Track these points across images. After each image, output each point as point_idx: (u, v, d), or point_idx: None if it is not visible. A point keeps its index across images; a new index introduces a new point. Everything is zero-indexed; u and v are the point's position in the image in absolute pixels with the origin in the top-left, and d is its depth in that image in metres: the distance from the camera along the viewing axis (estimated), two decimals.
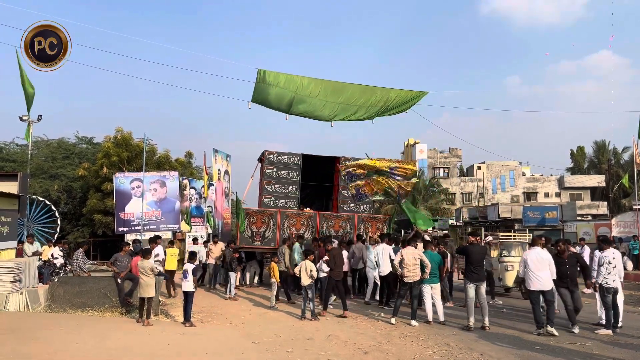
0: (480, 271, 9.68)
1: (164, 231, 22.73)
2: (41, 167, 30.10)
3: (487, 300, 10.09)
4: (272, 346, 7.97)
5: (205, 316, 10.90)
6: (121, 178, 23.35)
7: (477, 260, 9.64)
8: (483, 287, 9.73)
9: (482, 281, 9.72)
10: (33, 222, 22.51)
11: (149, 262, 9.93)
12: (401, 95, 15.42)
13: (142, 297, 9.80)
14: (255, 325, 9.83)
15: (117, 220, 22.91)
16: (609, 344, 8.17)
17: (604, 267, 9.15)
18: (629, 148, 46.51)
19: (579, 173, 54.85)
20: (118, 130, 28.17)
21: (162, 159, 29.38)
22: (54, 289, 10.98)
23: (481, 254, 9.84)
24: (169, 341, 8.21)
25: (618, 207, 42.06)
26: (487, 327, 9.32)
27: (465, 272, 9.98)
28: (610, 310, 9.12)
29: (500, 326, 9.72)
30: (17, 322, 9.11)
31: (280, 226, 15.63)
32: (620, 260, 9.56)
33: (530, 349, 7.83)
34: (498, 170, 52.47)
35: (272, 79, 14.24)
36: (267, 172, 16.55)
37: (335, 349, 7.82)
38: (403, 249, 10.12)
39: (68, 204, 29.66)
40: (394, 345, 8.12)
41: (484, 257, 10.05)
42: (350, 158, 17.33)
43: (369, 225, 16.31)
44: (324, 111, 14.97)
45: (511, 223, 32.36)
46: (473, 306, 9.52)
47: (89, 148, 33.32)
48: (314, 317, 10.25)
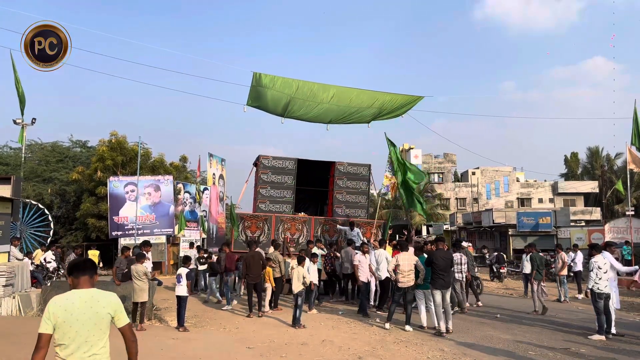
0: (446, 277, 9.54)
1: (157, 235, 22.65)
2: (35, 170, 29.96)
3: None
4: (266, 351, 7.94)
5: (199, 321, 10.84)
6: (115, 182, 23.26)
7: (443, 266, 9.52)
8: (448, 293, 9.61)
9: (447, 288, 9.57)
10: (26, 225, 22.38)
11: (142, 267, 9.88)
12: (397, 100, 15.48)
13: (135, 301, 9.75)
14: (249, 330, 9.79)
15: (110, 224, 22.80)
16: (603, 350, 8.19)
17: (593, 273, 9.18)
18: (622, 154, 46.82)
19: (573, 179, 55.18)
20: (112, 134, 28.10)
21: (157, 163, 29.30)
22: (46, 293, 10.90)
23: (446, 260, 9.66)
24: (163, 346, 8.16)
25: (611, 212, 42.32)
26: (449, 331, 9.36)
27: (431, 278, 9.81)
28: (602, 315, 9.15)
29: (494, 330, 9.73)
30: (9, 327, 9.04)
31: (274, 231, 15.60)
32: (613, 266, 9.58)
33: (524, 354, 7.84)
34: (492, 175, 52.68)
35: (267, 82, 14.23)
36: (262, 177, 16.53)
37: (329, 354, 7.79)
38: (399, 255, 10.11)
39: (62, 208, 29.53)
40: (388, 350, 8.10)
41: (450, 263, 9.85)
42: (345, 163, 17.38)
43: (364, 230, 16.31)
44: (320, 114, 15.00)
45: (505, 228, 32.44)
46: (440, 312, 9.48)
47: (83, 152, 33.21)
48: (298, 325, 9.88)
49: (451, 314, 9.63)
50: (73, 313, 3.13)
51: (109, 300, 3.28)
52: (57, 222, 27.18)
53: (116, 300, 3.33)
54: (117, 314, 3.28)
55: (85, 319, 3.15)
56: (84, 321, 3.15)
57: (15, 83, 13.41)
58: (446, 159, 54.24)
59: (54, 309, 3.13)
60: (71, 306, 3.15)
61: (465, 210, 49.13)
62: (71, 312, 3.13)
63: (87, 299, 3.21)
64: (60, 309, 3.12)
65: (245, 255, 12.02)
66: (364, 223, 16.67)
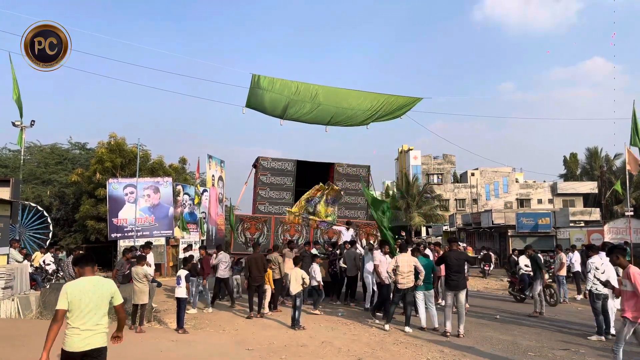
0: (459, 278, 9.38)
1: (157, 237, 22.63)
2: (34, 172, 29.94)
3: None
4: (266, 353, 7.93)
5: (199, 323, 10.83)
6: (114, 184, 23.24)
7: (456, 267, 9.40)
8: (462, 294, 9.43)
9: (460, 289, 9.39)
10: (25, 228, 22.35)
11: (143, 269, 9.87)
12: (396, 101, 15.48)
13: (135, 303, 9.74)
14: (248, 331, 9.79)
15: (110, 226, 22.78)
16: (601, 350, 8.19)
17: (591, 274, 9.19)
18: (621, 155, 46.84)
19: (572, 180, 55.17)
20: (111, 136, 28.10)
21: (156, 164, 29.29)
22: (45, 296, 10.89)
23: (460, 261, 9.54)
24: (162, 348, 8.15)
25: (610, 213, 42.31)
26: (461, 334, 9.22)
27: (445, 279, 9.73)
28: (600, 316, 9.16)
29: (494, 331, 9.73)
30: (8, 329, 9.03)
31: (274, 232, 15.59)
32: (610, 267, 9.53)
33: (524, 355, 7.84)
34: (491, 176, 52.69)
35: (266, 84, 14.24)
36: (261, 178, 16.52)
37: (329, 356, 7.79)
38: (398, 256, 10.11)
39: (60, 210, 29.50)
40: (387, 351, 8.10)
41: (463, 263, 9.78)
42: (344, 164, 17.37)
43: (363, 231, 16.31)
44: (319, 116, 14.99)
45: (505, 229, 32.44)
46: (450, 312, 9.46)
47: (82, 154, 33.19)
48: (297, 327, 9.96)
49: (464, 317, 9.47)
50: (84, 293, 4.20)
51: (109, 285, 4.41)
52: (56, 224, 27.16)
53: (114, 286, 4.48)
54: (114, 295, 4.41)
55: (92, 298, 4.22)
56: (91, 299, 4.21)
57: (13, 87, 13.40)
58: (445, 160, 54.25)
59: (70, 290, 4.19)
60: (83, 288, 4.23)
61: (464, 211, 49.13)
62: (83, 292, 4.20)
63: (94, 283, 4.31)
64: (75, 290, 4.20)
65: (248, 257, 12.11)
66: (363, 224, 16.67)
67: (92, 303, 4.20)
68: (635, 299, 6.25)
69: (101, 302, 4.27)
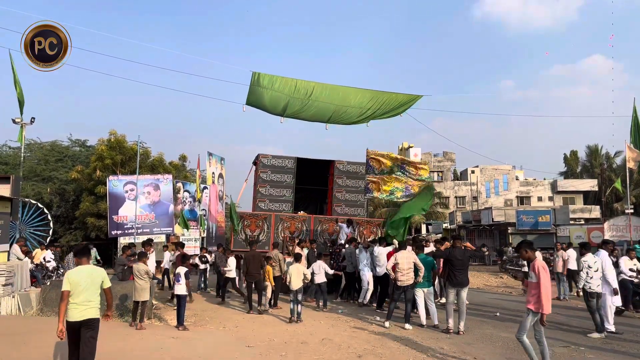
0: (461, 276, 9.44)
1: (157, 234, 22.64)
2: (34, 169, 29.94)
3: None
4: (266, 350, 7.94)
5: (199, 320, 10.85)
6: (115, 181, 23.25)
7: (460, 265, 9.46)
8: (464, 292, 9.50)
9: (463, 286, 9.46)
10: (25, 225, 22.36)
11: (144, 266, 9.86)
12: (396, 99, 15.47)
13: (136, 300, 9.74)
14: (248, 328, 9.80)
15: (110, 223, 22.79)
16: (602, 347, 8.21)
17: (583, 272, 9.19)
18: (621, 152, 46.78)
19: (572, 177, 55.09)
20: (112, 133, 28.09)
21: (156, 162, 29.29)
22: (46, 293, 10.89)
23: (464, 258, 9.59)
24: (162, 345, 8.16)
25: (610, 211, 42.31)
26: (461, 332, 9.25)
27: (447, 276, 9.79)
28: (595, 313, 9.17)
29: (494, 329, 9.74)
30: (8, 326, 9.03)
31: (274, 229, 15.60)
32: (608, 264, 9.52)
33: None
34: (492, 174, 52.65)
35: (266, 82, 14.22)
36: (261, 176, 16.53)
37: (329, 353, 7.80)
38: (398, 253, 10.11)
39: (61, 207, 29.51)
40: (387, 348, 8.11)
41: (468, 261, 9.83)
42: (344, 161, 17.38)
43: (363, 228, 16.32)
44: (319, 114, 14.98)
45: (505, 227, 32.47)
46: (452, 309, 9.48)
47: (82, 151, 33.19)
48: (299, 319, 10.40)
49: (465, 314, 9.51)
50: (81, 277, 5.52)
51: (100, 272, 5.75)
52: (57, 222, 27.18)
53: (104, 273, 5.80)
54: (104, 280, 5.71)
55: (88, 281, 5.53)
56: (86, 282, 5.51)
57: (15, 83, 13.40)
58: (445, 158, 54.22)
59: (70, 276, 5.51)
60: (80, 273, 5.56)
61: (464, 208, 49.15)
62: (80, 277, 5.52)
63: (90, 270, 5.68)
64: (74, 275, 5.52)
65: (245, 254, 12.19)
66: (363, 221, 16.68)
67: (87, 284, 5.48)
68: (538, 290, 6.43)
69: (93, 284, 5.55)
